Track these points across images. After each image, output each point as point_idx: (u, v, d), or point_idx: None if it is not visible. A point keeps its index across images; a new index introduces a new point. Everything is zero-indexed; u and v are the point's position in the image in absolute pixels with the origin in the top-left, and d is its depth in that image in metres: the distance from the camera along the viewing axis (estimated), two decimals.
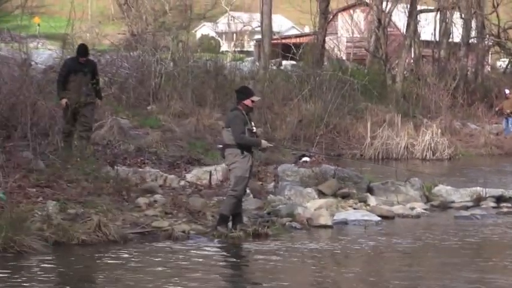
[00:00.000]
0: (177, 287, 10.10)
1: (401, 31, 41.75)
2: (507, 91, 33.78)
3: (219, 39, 65.58)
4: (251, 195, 15.32)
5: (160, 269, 11.08)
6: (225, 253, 12.42)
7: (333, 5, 41.39)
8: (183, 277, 10.64)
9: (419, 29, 40.32)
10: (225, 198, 13.56)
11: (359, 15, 48.56)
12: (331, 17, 41.85)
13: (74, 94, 16.60)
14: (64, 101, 16.55)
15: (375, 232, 14.14)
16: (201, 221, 13.69)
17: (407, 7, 38.38)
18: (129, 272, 10.78)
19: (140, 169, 16.43)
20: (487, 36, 42.64)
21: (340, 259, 12.48)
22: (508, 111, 32.23)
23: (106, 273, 10.79)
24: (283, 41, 49.96)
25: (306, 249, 12.70)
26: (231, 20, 62.88)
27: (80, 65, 16.94)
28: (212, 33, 67.84)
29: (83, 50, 17.31)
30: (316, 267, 11.77)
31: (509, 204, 17.16)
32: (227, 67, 31.71)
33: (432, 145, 26.35)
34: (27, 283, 10.01)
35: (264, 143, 13.17)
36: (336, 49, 45.58)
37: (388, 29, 40.76)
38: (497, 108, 34.21)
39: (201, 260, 11.68)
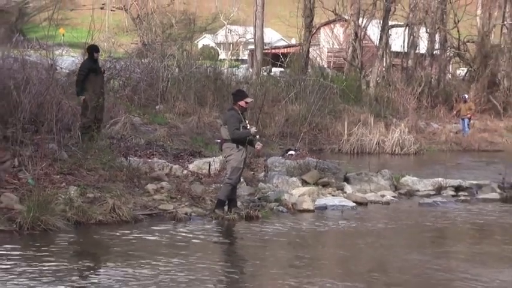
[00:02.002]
0: (180, 261, 10.14)
1: (375, 43, 41.74)
2: (466, 96, 33.89)
3: (218, 48, 65.47)
4: (244, 183, 15.35)
5: (165, 245, 11.14)
6: (221, 232, 12.46)
7: (316, 20, 41.36)
8: (185, 252, 10.68)
9: (390, 41, 40.29)
10: (222, 185, 13.61)
11: (338, 29, 48.51)
12: (315, 30, 41.79)
13: (98, 93, 16.46)
14: (83, 97, 16.46)
15: (351, 216, 14.18)
16: (201, 204, 13.74)
17: (380, 23, 38.38)
18: (139, 248, 10.81)
19: (149, 160, 16.41)
20: (449, 48, 42.63)
21: (320, 238, 12.53)
22: (467, 113, 32.31)
23: (119, 248, 10.82)
24: (273, 51, 49.78)
25: (291, 230, 12.76)
26: (228, 32, 62.72)
27: (95, 64, 16.72)
28: (212, 44, 67.74)
29: (96, 46, 17.21)
30: (299, 245, 11.80)
31: (466, 193, 17.23)
32: (224, 73, 31.56)
33: (400, 141, 26.31)
34: (52, 257, 10.05)
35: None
36: (318, 58, 45.63)
37: (364, 41, 40.81)
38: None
39: (200, 239, 11.71)
